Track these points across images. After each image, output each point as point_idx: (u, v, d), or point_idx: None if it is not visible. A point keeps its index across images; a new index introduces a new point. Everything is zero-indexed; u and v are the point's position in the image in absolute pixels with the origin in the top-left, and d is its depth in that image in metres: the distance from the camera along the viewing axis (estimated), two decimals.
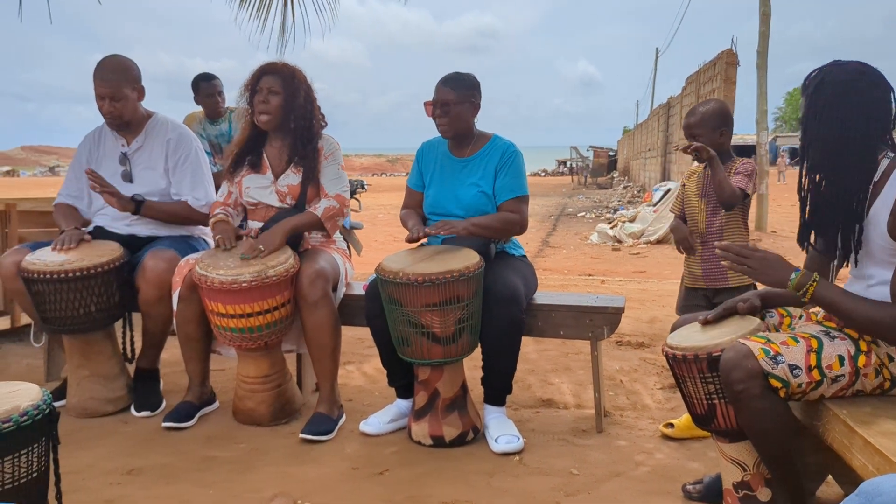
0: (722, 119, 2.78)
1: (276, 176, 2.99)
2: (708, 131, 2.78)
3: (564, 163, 47.10)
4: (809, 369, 1.75)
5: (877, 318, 1.72)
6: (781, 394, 1.75)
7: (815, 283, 1.76)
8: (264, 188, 2.98)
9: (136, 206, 3.05)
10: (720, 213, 2.78)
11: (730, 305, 2.02)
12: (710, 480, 2.18)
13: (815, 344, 1.78)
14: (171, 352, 3.33)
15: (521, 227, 2.86)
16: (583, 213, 16.54)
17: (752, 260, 1.83)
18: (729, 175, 2.74)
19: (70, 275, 2.78)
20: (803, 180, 1.87)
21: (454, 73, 2.86)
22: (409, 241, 2.78)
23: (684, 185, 2.97)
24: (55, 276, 2.77)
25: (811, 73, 1.85)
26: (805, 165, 1.86)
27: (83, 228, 3.08)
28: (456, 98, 2.79)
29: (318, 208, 2.92)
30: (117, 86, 3.00)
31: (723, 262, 1.89)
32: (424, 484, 2.35)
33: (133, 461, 2.53)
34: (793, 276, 1.78)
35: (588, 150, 36.09)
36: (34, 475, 1.71)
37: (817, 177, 1.83)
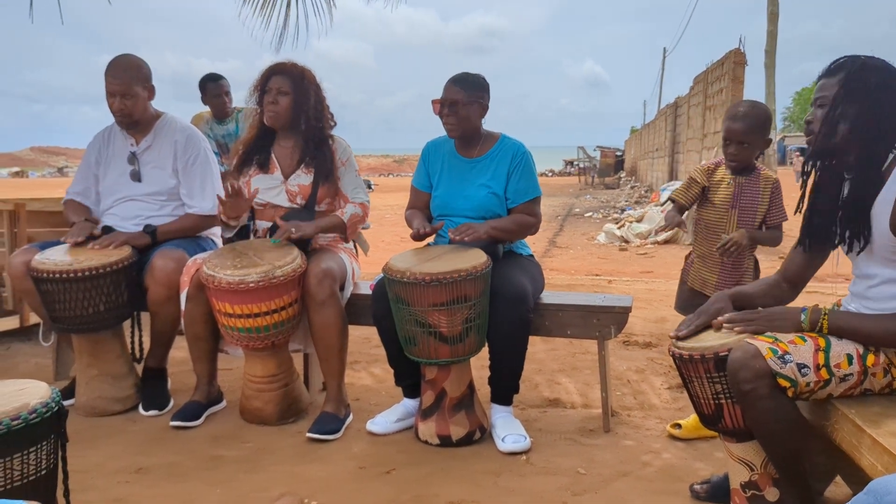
0: (769, 127, 2.59)
1: (286, 176, 3.00)
2: (758, 139, 2.56)
3: (571, 163, 46.95)
4: (818, 368, 1.74)
5: (894, 330, 1.72)
6: (789, 393, 1.74)
7: (826, 316, 1.80)
8: (273, 188, 2.99)
9: (151, 235, 3.09)
10: (750, 227, 2.66)
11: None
12: (718, 480, 2.17)
13: (822, 343, 1.77)
14: (179, 351, 3.34)
15: (536, 229, 2.89)
16: (590, 214, 16.49)
17: (759, 320, 1.87)
18: (759, 194, 2.64)
19: (79, 274, 2.80)
20: (808, 166, 1.86)
21: (464, 74, 2.85)
22: (415, 237, 2.78)
23: (706, 189, 2.74)
24: (64, 275, 2.79)
25: (841, 59, 1.81)
26: (816, 147, 1.82)
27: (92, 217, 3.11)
28: (465, 98, 2.78)
29: (345, 214, 2.97)
30: (128, 83, 3.02)
31: (735, 329, 1.88)
32: (431, 483, 2.36)
33: (141, 460, 2.54)
34: (802, 317, 1.83)
35: (595, 151, 35.95)
36: (43, 472, 1.72)
37: (825, 162, 1.82)
